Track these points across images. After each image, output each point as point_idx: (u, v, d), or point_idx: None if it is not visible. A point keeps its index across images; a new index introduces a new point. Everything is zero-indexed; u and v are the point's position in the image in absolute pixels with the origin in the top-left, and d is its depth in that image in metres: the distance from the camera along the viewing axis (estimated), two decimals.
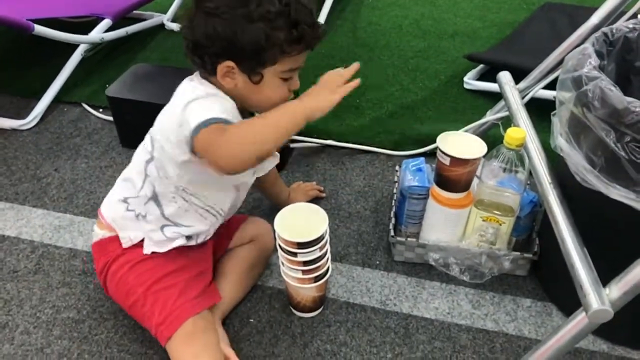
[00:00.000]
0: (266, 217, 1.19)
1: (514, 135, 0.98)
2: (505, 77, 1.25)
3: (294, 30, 0.83)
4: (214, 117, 0.82)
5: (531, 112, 1.14)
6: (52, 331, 1.03)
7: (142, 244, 0.97)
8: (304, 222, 0.97)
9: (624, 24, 1.00)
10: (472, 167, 1.03)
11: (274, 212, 0.98)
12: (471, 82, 1.69)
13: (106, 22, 1.73)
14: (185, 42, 0.88)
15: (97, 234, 1.01)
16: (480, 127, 1.33)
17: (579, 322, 0.82)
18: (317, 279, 0.99)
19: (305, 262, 0.96)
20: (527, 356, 0.90)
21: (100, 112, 1.61)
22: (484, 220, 1.08)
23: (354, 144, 1.48)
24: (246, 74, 0.87)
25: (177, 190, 0.94)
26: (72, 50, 1.68)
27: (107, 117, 1.58)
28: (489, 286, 1.12)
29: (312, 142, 1.47)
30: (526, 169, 1.01)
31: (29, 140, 1.51)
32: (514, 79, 1.25)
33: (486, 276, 1.11)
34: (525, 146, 1.02)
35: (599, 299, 0.79)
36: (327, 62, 1.84)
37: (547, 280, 1.11)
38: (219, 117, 0.82)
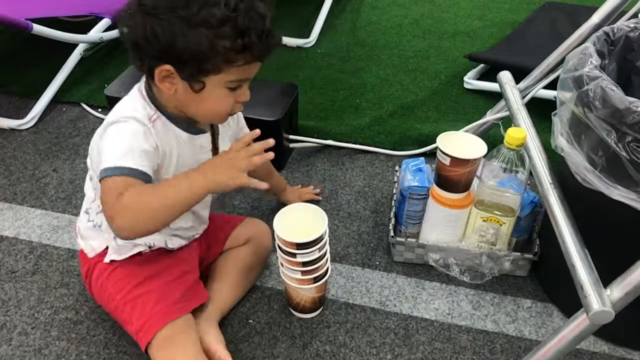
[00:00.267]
0: (265, 218, 1.18)
1: (514, 135, 0.98)
2: (505, 76, 1.25)
3: (240, 39, 0.75)
4: (120, 166, 0.78)
5: (532, 112, 1.13)
6: (50, 332, 1.03)
7: (107, 252, 0.96)
8: (303, 222, 0.96)
9: (625, 23, 0.99)
10: (473, 167, 1.03)
11: (273, 213, 0.98)
12: (471, 81, 1.69)
13: (105, 22, 1.72)
14: (125, 41, 0.81)
15: (79, 243, 1.01)
16: (480, 127, 1.32)
17: (579, 323, 0.82)
18: (316, 279, 0.99)
19: (304, 263, 0.96)
20: (528, 357, 0.90)
21: (99, 112, 1.60)
22: (484, 220, 1.07)
23: (353, 144, 1.47)
24: (186, 81, 0.79)
25: None
26: (71, 49, 1.67)
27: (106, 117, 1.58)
28: (489, 287, 1.12)
29: (312, 142, 1.46)
30: (526, 169, 1.01)
31: (28, 140, 1.50)
32: (515, 79, 1.24)
33: (486, 277, 1.10)
34: (525, 146, 1.02)
35: (600, 300, 0.78)
36: (327, 61, 1.84)
37: (547, 281, 1.11)
38: (125, 166, 0.78)
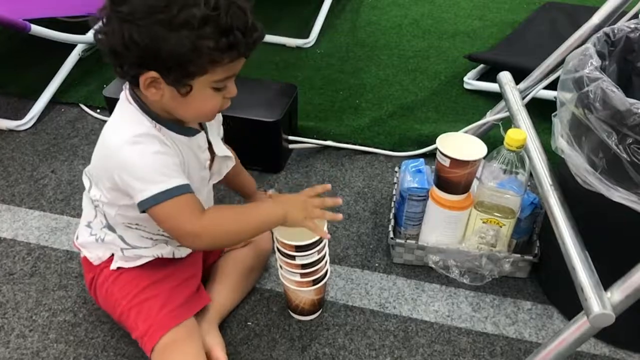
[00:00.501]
0: None
1: (514, 136, 0.97)
2: (505, 77, 1.24)
3: (224, 38, 0.73)
4: (169, 188, 0.79)
5: (532, 113, 1.13)
6: (48, 334, 1.02)
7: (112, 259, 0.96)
8: None
9: (626, 24, 0.99)
10: (472, 168, 1.02)
11: None
12: (471, 82, 1.68)
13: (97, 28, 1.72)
14: (101, 47, 0.78)
15: (82, 252, 1.00)
16: (480, 128, 1.32)
17: (580, 326, 0.82)
18: (315, 282, 0.98)
19: (303, 265, 0.95)
20: None
21: (97, 113, 1.59)
22: (484, 222, 1.07)
23: (353, 144, 1.47)
24: (172, 85, 0.77)
25: (125, 222, 0.92)
26: (69, 50, 1.66)
27: (105, 118, 1.57)
28: (489, 289, 1.11)
29: (311, 142, 1.45)
30: (527, 170, 1.01)
31: (26, 141, 1.50)
32: (515, 79, 1.24)
33: (486, 278, 1.10)
34: (525, 147, 1.01)
35: (601, 303, 0.78)
36: (326, 61, 1.83)
37: (547, 282, 1.10)
38: (174, 186, 0.80)
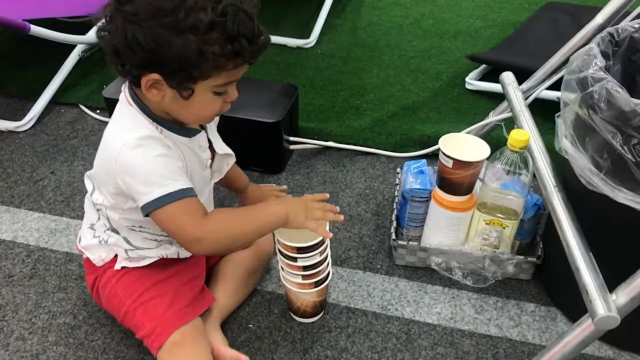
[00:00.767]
0: None
1: (517, 137, 0.96)
2: (508, 77, 1.24)
3: (229, 45, 0.73)
4: (172, 191, 0.79)
5: (534, 114, 1.12)
6: (47, 337, 1.02)
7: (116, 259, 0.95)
8: None
9: (630, 23, 0.98)
10: (475, 169, 1.02)
11: None
12: (473, 82, 1.67)
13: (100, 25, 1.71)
14: (103, 45, 0.77)
15: (85, 254, 0.99)
16: (482, 129, 1.31)
17: (584, 328, 0.81)
18: (317, 283, 0.98)
19: (305, 267, 0.94)
20: None
21: (97, 114, 1.59)
22: (487, 223, 1.06)
23: (354, 145, 1.46)
24: (174, 88, 0.77)
25: (129, 225, 0.91)
26: (69, 50, 1.66)
27: (105, 119, 1.57)
28: (492, 290, 1.11)
29: (312, 143, 1.45)
30: (530, 171, 1.00)
31: (25, 142, 1.49)
32: (517, 80, 1.23)
33: (489, 280, 1.09)
34: (529, 148, 1.00)
35: (606, 305, 0.77)
36: (327, 61, 1.83)
37: (551, 284, 1.09)
38: (177, 190, 0.79)
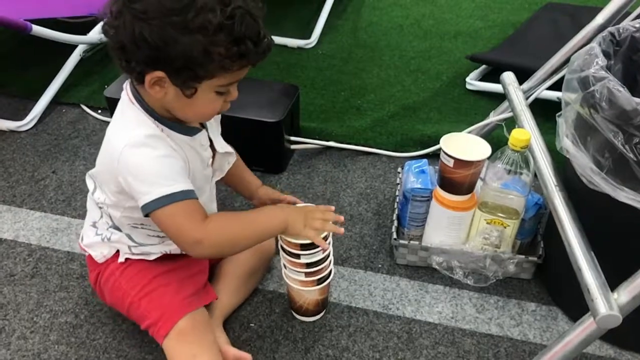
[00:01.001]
0: None
1: (518, 136, 0.97)
2: (509, 77, 1.24)
3: (235, 47, 0.74)
4: (173, 192, 0.79)
5: (535, 113, 1.13)
6: (49, 336, 1.02)
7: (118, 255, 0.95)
8: None
9: (631, 23, 0.98)
10: (476, 169, 1.02)
11: None
12: (474, 82, 1.68)
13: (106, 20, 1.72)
14: (108, 40, 0.78)
15: (86, 251, 0.99)
16: (483, 128, 1.31)
17: (586, 327, 0.81)
18: (319, 281, 0.98)
19: (308, 264, 0.94)
20: None
21: (99, 114, 1.59)
22: (488, 222, 1.06)
23: (355, 145, 1.46)
24: (178, 86, 0.78)
25: (130, 223, 0.91)
26: (70, 50, 1.66)
27: (106, 118, 1.57)
28: (493, 290, 1.11)
29: (313, 143, 1.45)
30: (531, 170, 1.00)
31: (27, 141, 1.49)
32: (517, 80, 1.23)
33: (490, 280, 1.09)
34: (530, 147, 1.00)
35: (607, 304, 0.77)
36: (328, 62, 1.83)
37: (552, 284, 1.09)
38: (178, 191, 0.79)
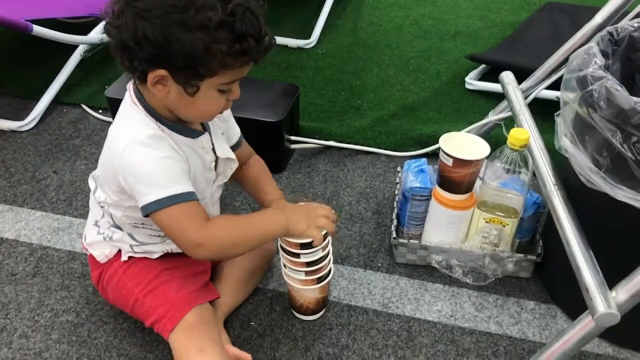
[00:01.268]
0: None
1: (517, 135, 0.97)
2: (508, 77, 1.24)
3: (237, 44, 0.74)
4: (174, 194, 0.79)
5: (534, 113, 1.13)
6: (50, 335, 1.02)
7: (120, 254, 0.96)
8: None
9: (629, 23, 0.98)
10: (475, 168, 1.02)
11: None
12: (473, 82, 1.68)
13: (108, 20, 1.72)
14: (111, 40, 0.78)
15: (88, 251, 1.00)
16: (482, 128, 1.31)
17: (584, 325, 0.82)
18: (320, 280, 0.98)
19: (308, 263, 0.95)
20: (532, 359, 0.89)
21: (99, 113, 1.59)
22: (487, 221, 1.06)
23: (355, 144, 1.47)
24: (180, 85, 0.78)
25: (131, 223, 0.92)
26: (71, 51, 1.66)
27: (107, 118, 1.57)
28: (492, 288, 1.11)
29: (313, 143, 1.45)
30: (530, 169, 1.00)
31: (28, 141, 1.50)
32: (516, 79, 1.24)
33: (489, 278, 1.10)
34: (528, 147, 1.01)
35: (606, 303, 0.78)
36: (328, 62, 1.83)
37: (551, 282, 1.10)
38: (179, 193, 0.80)
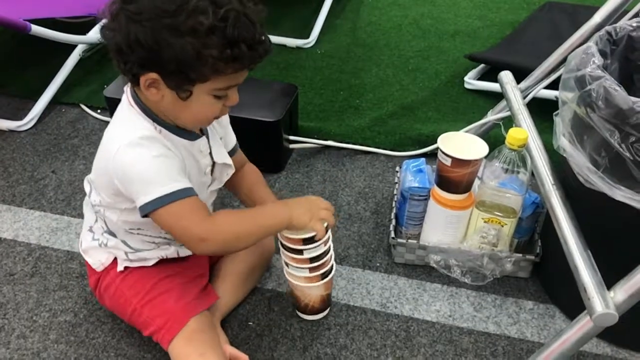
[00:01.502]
0: None
1: (515, 135, 0.97)
2: (506, 76, 1.24)
3: (228, 49, 0.73)
4: (174, 190, 0.79)
5: (533, 112, 1.13)
6: (48, 335, 1.02)
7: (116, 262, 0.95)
8: None
9: (627, 22, 0.98)
10: (474, 167, 1.02)
11: None
12: (472, 81, 1.68)
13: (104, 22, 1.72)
14: (106, 42, 0.78)
15: (85, 258, 0.99)
16: (481, 128, 1.32)
17: (583, 325, 0.81)
18: (324, 275, 0.98)
19: (311, 259, 0.95)
20: (531, 359, 0.89)
21: (98, 113, 1.59)
22: (485, 221, 1.06)
23: (354, 144, 1.47)
24: (172, 89, 0.77)
25: (127, 228, 0.91)
26: (69, 50, 1.66)
27: (106, 118, 1.57)
28: (491, 288, 1.11)
29: (312, 142, 1.45)
30: (528, 169, 1.00)
31: (27, 141, 1.50)
32: (515, 79, 1.24)
33: (488, 278, 1.09)
34: (527, 147, 1.01)
35: (604, 303, 0.78)
36: (327, 61, 1.83)
37: (549, 282, 1.10)
38: (178, 189, 0.79)
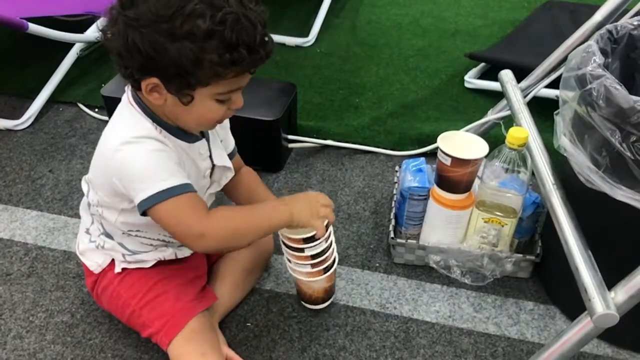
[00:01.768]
0: None
1: (516, 134, 0.96)
2: (507, 75, 1.23)
3: (227, 54, 0.72)
4: (171, 186, 0.78)
5: (533, 111, 1.12)
6: (45, 336, 1.01)
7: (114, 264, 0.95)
8: None
9: (628, 21, 0.98)
10: (474, 167, 1.01)
11: None
12: (472, 80, 1.67)
13: (102, 21, 1.71)
14: (107, 47, 0.78)
15: (82, 260, 0.99)
16: (481, 127, 1.31)
17: (583, 326, 0.81)
18: (326, 270, 0.97)
19: (313, 256, 0.94)
20: None
21: (95, 112, 1.58)
22: (485, 221, 1.06)
23: (353, 144, 1.46)
24: (173, 94, 0.77)
25: (124, 230, 0.91)
26: (67, 49, 1.65)
27: (103, 117, 1.57)
28: (491, 289, 1.10)
29: (311, 142, 1.45)
30: (528, 169, 1.00)
31: (24, 140, 1.49)
32: (516, 78, 1.23)
33: (488, 278, 1.09)
34: (527, 146, 1.00)
35: (605, 303, 0.77)
36: (326, 60, 1.82)
37: (550, 282, 1.09)
38: (176, 185, 0.78)
